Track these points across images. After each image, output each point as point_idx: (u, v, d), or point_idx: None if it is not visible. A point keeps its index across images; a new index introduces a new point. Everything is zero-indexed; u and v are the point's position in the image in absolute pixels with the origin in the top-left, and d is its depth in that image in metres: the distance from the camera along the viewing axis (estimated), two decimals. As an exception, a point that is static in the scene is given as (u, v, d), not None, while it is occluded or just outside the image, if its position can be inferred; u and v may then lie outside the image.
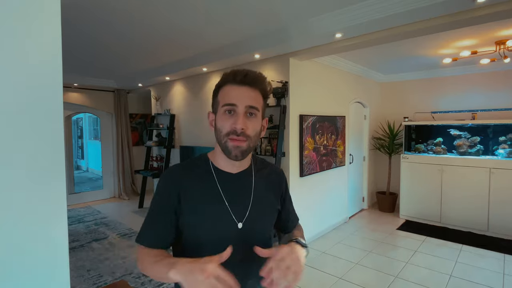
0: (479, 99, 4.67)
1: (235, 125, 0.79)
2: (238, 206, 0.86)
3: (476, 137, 4.46)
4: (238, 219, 0.84)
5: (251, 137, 0.82)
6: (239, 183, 0.89)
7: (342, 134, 4.49)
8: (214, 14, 2.59)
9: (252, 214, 0.86)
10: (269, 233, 0.96)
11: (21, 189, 0.67)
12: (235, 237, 0.83)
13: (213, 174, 0.87)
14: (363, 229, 4.45)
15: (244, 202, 0.87)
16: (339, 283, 2.94)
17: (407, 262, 3.36)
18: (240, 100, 0.80)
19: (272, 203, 0.95)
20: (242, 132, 0.79)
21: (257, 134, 0.84)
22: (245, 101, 0.80)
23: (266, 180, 0.96)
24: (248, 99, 0.81)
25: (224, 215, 0.83)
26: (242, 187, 0.89)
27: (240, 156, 0.82)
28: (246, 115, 0.81)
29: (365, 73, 5.00)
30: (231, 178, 0.88)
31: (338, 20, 2.62)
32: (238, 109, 0.80)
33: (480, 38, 3.29)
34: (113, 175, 6.57)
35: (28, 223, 0.69)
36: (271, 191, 0.96)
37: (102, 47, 3.59)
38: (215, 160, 0.89)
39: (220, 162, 0.88)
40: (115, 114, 6.42)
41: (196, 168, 0.89)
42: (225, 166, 0.88)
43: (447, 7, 2.20)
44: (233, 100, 0.80)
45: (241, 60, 3.82)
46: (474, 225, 4.23)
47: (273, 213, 0.96)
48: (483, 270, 3.17)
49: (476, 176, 4.19)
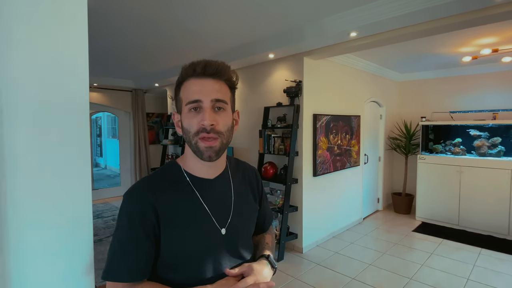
0: (500, 98, 4.52)
1: (203, 122, 0.72)
2: (219, 212, 0.81)
3: (497, 137, 4.31)
4: (221, 225, 0.80)
5: (223, 133, 0.75)
6: (218, 189, 0.83)
7: (357, 134, 4.45)
8: (230, 16, 2.64)
9: (234, 219, 0.83)
10: (251, 234, 0.93)
11: (53, 179, 0.72)
12: (219, 243, 0.79)
13: (189, 182, 0.80)
14: (378, 231, 4.40)
15: (225, 207, 0.83)
16: (352, 283, 2.93)
17: (422, 265, 3.30)
18: (205, 95, 0.73)
19: (252, 204, 0.92)
20: (212, 128, 0.73)
21: (229, 129, 0.78)
22: (210, 95, 0.74)
23: (244, 181, 0.92)
24: (213, 92, 0.74)
25: (208, 223, 0.78)
26: (221, 193, 0.84)
27: (214, 157, 0.75)
28: (213, 110, 0.74)
29: (381, 71, 4.93)
30: (209, 184, 0.82)
31: (353, 19, 2.60)
32: (203, 104, 0.73)
33: (501, 36, 3.18)
34: (131, 172, 6.75)
35: (59, 220, 0.74)
36: (249, 192, 0.93)
37: (121, 49, 3.71)
38: (187, 165, 0.82)
39: (194, 167, 0.81)
40: (133, 113, 6.59)
41: (168, 178, 0.80)
42: (200, 171, 0.81)
43: (464, 5, 2.16)
44: (196, 96, 0.73)
45: (255, 60, 3.85)
46: (494, 228, 4.10)
47: (254, 213, 0.93)
48: (503, 274, 3.07)
49: (496, 178, 4.06)
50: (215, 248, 0.78)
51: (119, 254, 0.72)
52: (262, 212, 0.99)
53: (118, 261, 0.72)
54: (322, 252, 3.65)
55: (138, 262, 0.72)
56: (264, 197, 1.00)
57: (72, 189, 0.75)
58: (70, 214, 0.75)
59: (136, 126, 6.59)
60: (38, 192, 0.70)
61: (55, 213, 0.73)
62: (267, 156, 3.90)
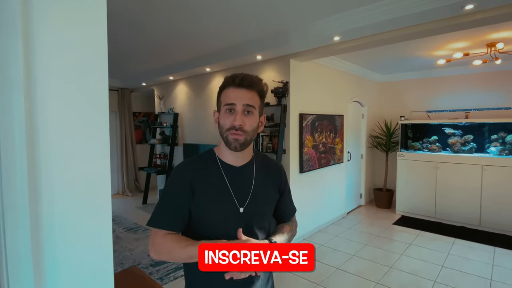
0: (472, 98, 4.84)
1: (234, 122, 0.93)
2: (240, 194, 1.00)
3: (469, 135, 4.62)
4: (240, 204, 0.99)
5: (248, 132, 0.95)
6: (241, 174, 1.02)
7: (340, 132, 4.65)
8: (217, 18, 2.75)
9: (251, 201, 1.00)
10: (268, 218, 1.09)
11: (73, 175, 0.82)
12: (237, 219, 0.97)
13: (219, 166, 1.01)
14: (361, 224, 4.62)
15: (245, 190, 1.01)
16: (336, 272, 3.11)
17: (401, 254, 3.53)
18: (238, 100, 0.94)
19: (270, 192, 1.08)
20: (240, 127, 0.93)
21: (254, 129, 0.97)
22: (242, 101, 0.94)
23: (266, 172, 1.09)
24: (245, 99, 0.94)
25: (229, 200, 0.98)
26: (244, 178, 1.02)
27: (239, 148, 0.95)
28: (244, 113, 0.94)
29: (363, 73, 5.16)
30: (235, 170, 1.02)
31: (336, 25, 2.78)
32: (236, 107, 0.94)
33: (471, 41, 3.45)
34: (117, 172, 6.71)
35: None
36: (269, 182, 1.09)
37: (108, 48, 3.74)
38: (221, 154, 1.03)
39: (225, 156, 1.02)
40: (119, 112, 6.56)
41: (205, 162, 1.03)
42: (230, 159, 1.02)
43: (437, 13, 2.36)
44: (232, 100, 0.94)
45: (243, 61, 3.97)
46: (467, 220, 4.40)
47: (271, 201, 1.09)
48: (473, 261, 3.34)
49: (469, 173, 4.36)
50: (233, 222, 0.97)
51: (162, 208, 0.98)
52: (283, 204, 1.14)
53: (162, 212, 0.98)
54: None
55: (174, 217, 0.97)
56: (286, 191, 1.16)
57: (96, 177, 0.86)
58: (94, 198, 0.86)
59: (122, 125, 6.56)
60: (67, 181, 0.80)
61: (82, 199, 0.83)
62: (255, 154, 4.03)
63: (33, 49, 0.72)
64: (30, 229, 0.73)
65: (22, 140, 0.71)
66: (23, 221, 0.72)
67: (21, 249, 0.72)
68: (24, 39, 0.71)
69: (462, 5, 2.21)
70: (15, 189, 0.71)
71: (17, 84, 0.70)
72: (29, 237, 0.73)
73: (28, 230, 0.72)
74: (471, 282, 2.91)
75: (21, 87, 0.70)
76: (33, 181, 0.73)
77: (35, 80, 0.73)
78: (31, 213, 0.73)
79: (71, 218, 0.81)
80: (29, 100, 0.72)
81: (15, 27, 0.70)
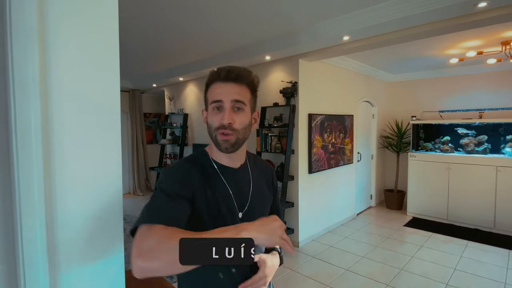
0: (486, 98, 4.73)
1: (222, 120, 0.84)
2: (240, 197, 0.92)
3: (483, 135, 4.52)
4: (240, 209, 0.92)
5: (238, 130, 0.86)
6: (240, 177, 0.95)
7: (350, 133, 4.61)
8: (228, 20, 2.77)
9: (251, 205, 0.94)
10: None
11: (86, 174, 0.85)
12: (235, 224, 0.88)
13: (216, 168, 0.92)
14: (371, 225, 4.57)
15: (245, 194, 0.94)
16: (345, 274, 3.09)
17: (412, 256, 3.48)
18: (226, 96, 0.84)
19: (267, 194, 1.04)
20: (230, 126, 0.84)
21: (245, 127, 0.88)
22: (230, 96, 0.84)
23: (261, 174, 1.04)
24: (233, 94, 0.85)
25: (230, 204, 0.90)
26: (243, 181, 0.96)
27: (230, 148, 0.86)
28: (233, 110, 0.85)
29: (373, 72, 5.11)
30: (234, 172, 0.94)
31: (345, 24, 2.76)
32: (224, 104, 0.84)
33: (485, 39, 3.37)
34: (128, 172, 6.82)
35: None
36: (265, 184, 1.04)
37: (120, 50, 3.81)
38: (214, 154, 0.94)
39: (219, 157, 0.93)
40: (130, 113, 6.67)
41: (201, 163, 0.92)
42: (225, 160, 0.93)
43: (449, 12, 2.32)
44: (219, 97, 0.85)
45: (252, 62, 3.99)
46: (480, 222, 4.30)
47: (268, 203, 1.05)
48: (487, 264, 3.26)
49: (483, 174, 4.26)
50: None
51: (161, 203, 0.82)
52: (274, 204, 1.11)
53: (161, 206, 0.81)
54: (318, 246, 3.80)
55: (178, 210, 0.80)
56: (276, 191, 1.12)
57: (108, 176, 0.89)
58: (106, 198, 0.89)
59: (133, 126, 6.66)
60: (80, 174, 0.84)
61: (95, 198, 0.86)
62: (264, 154, 4.04)
63: (48, 52, 0.75)
64: (46, 229, 0.76)
65: (39, 141, 0.74)
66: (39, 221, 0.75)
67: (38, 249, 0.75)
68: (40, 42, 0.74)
69: (474, 3, 2.17)
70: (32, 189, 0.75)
71: (33, 87, 0.73)
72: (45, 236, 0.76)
73: (44, 230, 0.75)
74: (485, 285, 2.85)
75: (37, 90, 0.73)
76: (48, 180, 0.76)
77: (51, 83, 0.76)
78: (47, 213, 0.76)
79: (85, 216, 0.84)
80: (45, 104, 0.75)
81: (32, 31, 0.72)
